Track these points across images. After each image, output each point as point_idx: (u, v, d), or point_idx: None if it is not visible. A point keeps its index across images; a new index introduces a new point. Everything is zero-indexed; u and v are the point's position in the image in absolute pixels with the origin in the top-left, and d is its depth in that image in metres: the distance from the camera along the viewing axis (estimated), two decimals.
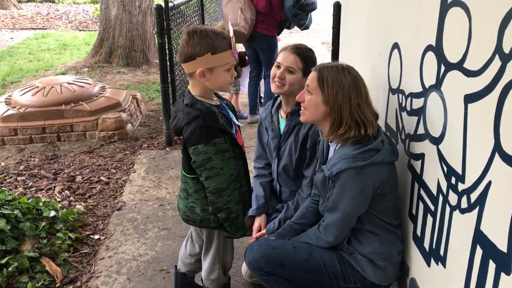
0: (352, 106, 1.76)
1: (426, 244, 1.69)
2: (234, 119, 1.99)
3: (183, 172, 1.97)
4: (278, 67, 2.24)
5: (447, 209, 1.50)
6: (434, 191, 1.60)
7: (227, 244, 2.13)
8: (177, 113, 1.89)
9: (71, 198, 3.62)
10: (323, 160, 2.00)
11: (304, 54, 2.23)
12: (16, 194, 3.55)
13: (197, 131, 1.79)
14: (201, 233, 2.12)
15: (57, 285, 2.60)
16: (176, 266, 2.36)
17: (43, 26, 12.61)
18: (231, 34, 1.87)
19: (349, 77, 1.78)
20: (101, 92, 5.19)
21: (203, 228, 2.05)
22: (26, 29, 12.20)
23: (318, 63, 1.96)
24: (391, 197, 1.82)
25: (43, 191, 3.73)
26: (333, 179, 1.78)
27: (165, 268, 2.75)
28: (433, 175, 1.62)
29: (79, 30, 12.05)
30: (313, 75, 1.85)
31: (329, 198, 1.82)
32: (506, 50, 1.13)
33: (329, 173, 1.78)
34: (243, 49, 5.39)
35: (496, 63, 1.18)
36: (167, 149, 4.62)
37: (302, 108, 1.89)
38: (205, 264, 2.16)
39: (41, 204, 3.14)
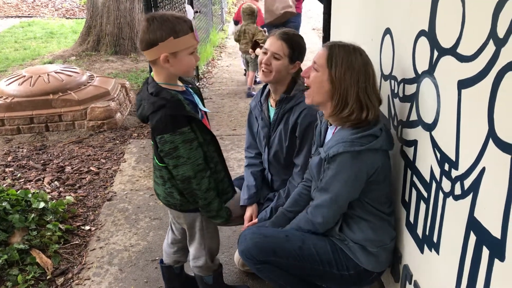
0: (360, 88, 1.72)
1: (419, 231, 1.68)
2: (200, 105, 1.96)
3: (156, 161, 1.95)
4: (265, 53, 2.20)
5: (440, 195, 1.49)
6: (427, 178, 1.59)
7: (210, 229, 2.11)
8: (142, 101, 1.86)
9: (60, 189, 3.58)
10: (320, 143, 1.98)
11: (291, 40, 2.19)
12: (4, 185, 3.50)
13: (163, 121, 1.76)
14: (179, 220, 2.10)
15: (48, 277, 2.58)
16: (161, 261, 2.34)
17: (28, 14, 12.41)
18: (191, 17, 1.84)
19: (360, 59, 1.73)
20: (89, 81, 5.12)
21: (183, 214, 2.04)
22: (11, 17, 12.00)
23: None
24: (384, 185, 1.81)
25: (32, 182, 3.68)
26: (329, 161, 1.76)
27: (157, 258, 2.73)
28: (426, 162, 1.61)
29: (66, 18, 11.88)
30: (322, 52, 1.79)
31: (322, 179, 1.81)
32: (501, 34, 1.12)
33: (325, 155, 1.76)
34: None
35: (490, 48, 1.16)
36: None
37: (306, 85, 1.85)
38: (191, 250, 2.15)
39: (30, 195, 3.10)
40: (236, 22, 6.77)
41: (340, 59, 1.73)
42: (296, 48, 2.19)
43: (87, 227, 3.07)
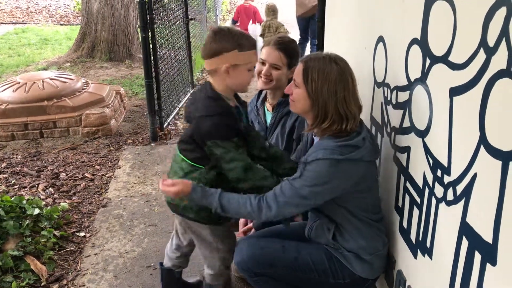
0: (338, 99, 1.72)
1: (413, 236, 1.70)
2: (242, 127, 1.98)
3: (181, 156, 1.95)
4: (263, 63, 2.22)
5: (433, 201, 1.51)
6: (420, 184, 1.61)
7: (224, 237, 2.11)
8: (196, 101, 1.91)
9: (55, 195, 3.57)
10: (306, 152, 1.99)
11: (288, 48, 2.21)
12: None
13: (218, 127, 1.81)
14: (188, 228, 2.10)
15: (42, 284, 2.57)
16: (161, 264, 2.35)
17: (23, 21, 12.38)
18: (255, 36, 1.91)
19: (335, 68, 1.73)
20: (84, 87, 5.12)
21: (192, 222, 2.04)
22: (5, 23, 11.97)
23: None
24: (369, 195, 1.82)
25: (26, 189, 3.67)
26: (306, 164, 1.75)
27: (152, 264, 2.73)
28: (419, 168, 1.63)
29: (60, 25, 11.87)
30: (299, 68, 1.81)
31: (295, 178, 1.78)
32: (491, 43, 1.14)
33: (304, 159, 1.76)
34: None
35: (481, 56, 1.19)
36: (152, 144, 4.59)
37: (290, 100, 1.87)
38: (204, 258, 2.14)
39: (24, 202, 3.09)
40: (234, 22, 7.49)
41: (316, 73, 1.73)
42: (293, 55, 2.22)
43: (82, 234, 3.07)
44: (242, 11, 7.43)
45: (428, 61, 1.52)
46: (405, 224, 1.78)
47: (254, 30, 6.77)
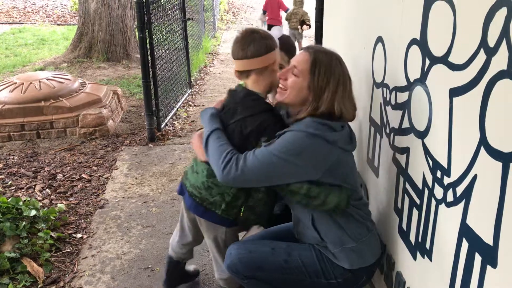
0: (335, 98, 1.72)
1: (412, 238, 1.69)
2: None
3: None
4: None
5: (433, 202, 1.50)
6: (420, 185, 1.61)
7: (235, 240, 2.07)
8: (237, 105, 1.88)
9: (52, 196, 3.55)
10: None
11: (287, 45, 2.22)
12: None
13: (271, 124, 1.80)
14: (202, 228, 2.05)
15: (39, 286, 2.55)
16: (170, 257, 2.34)
17: (19, 21, 12.35)
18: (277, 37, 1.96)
19: (340, 68, 1.74)
20: (81, 88, 5.10)
21: (207, 223, 1.99)
22: (2, 23, 11.94)
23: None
24: (344, 184, 1.77)
25: (23, 190, 3.65)
26: (281, 135, 1.72)
27: (149, 266, 2.72)
28: (418, 169, 1.62)
29: (57, 25, 11.85)
30: (305, 57, 1.76)
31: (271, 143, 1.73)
32: (491, 44, 1.13)
33: (278, 134, 1.74)
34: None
35: (481, 57, 1.18)
36: (149, 145, 4.57)
37: (281, 86, 1.82)
38: (216, 262, 2.10)
39: (21, 203, 3.07)
40: (264, 12, 8.49)
41: (324, 68, 1.72)
42: (291, 51, 2.24)
43: (79, 235, 3.05)
44: (270, 2, 8.34)
45: (427, 62, 1.51)
46: (404, 226, 1.78)
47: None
